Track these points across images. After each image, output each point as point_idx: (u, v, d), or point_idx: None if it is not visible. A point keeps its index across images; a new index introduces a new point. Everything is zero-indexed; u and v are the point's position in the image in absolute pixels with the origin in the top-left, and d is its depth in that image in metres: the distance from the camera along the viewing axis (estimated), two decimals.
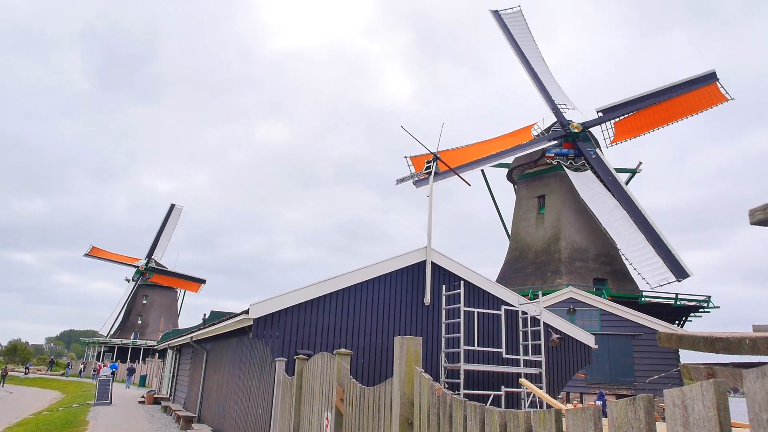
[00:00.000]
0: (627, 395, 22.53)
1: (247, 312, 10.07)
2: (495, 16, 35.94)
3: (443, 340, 11.84)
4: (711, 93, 32.45)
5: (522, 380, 11.63)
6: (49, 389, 41.44)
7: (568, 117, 33.36)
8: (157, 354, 44.66)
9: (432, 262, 12.21)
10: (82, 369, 58.28)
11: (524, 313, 12.91)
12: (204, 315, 25.41)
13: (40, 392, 38.90)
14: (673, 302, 30.16)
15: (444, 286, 12.18)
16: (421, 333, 11.75)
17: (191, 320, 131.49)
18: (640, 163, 34.91)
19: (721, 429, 1.48)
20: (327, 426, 6.31)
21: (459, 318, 11.52)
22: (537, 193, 34.63)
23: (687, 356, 25.31)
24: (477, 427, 2.97)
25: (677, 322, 31.11)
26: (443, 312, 11.98)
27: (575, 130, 32.35)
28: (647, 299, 30.14)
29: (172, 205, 68.36)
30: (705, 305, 30.89)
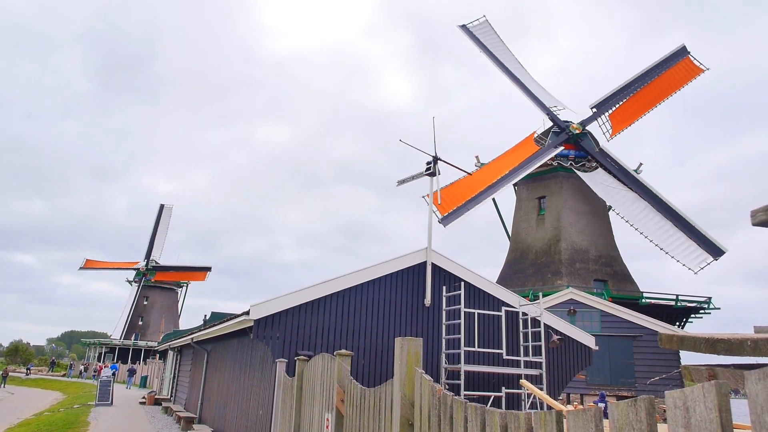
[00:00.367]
0: (627, 396, 22.51)
1: (248, 313, 10.07)
2: (464, 31, 35.69)
3: (444, 342, 11.83)
4: (687, 67, 33.76)
5: (523, 381, 11.62)
6: (51, 390, 41.43)
7: (563, 118, 33.39)
8: (158, 355, 44.70)
9: (432, 264, 12.20)
10: (82, 370, 58.28)
11: (525, 315, 12.90)
12: (205, 316, 25.44)
13: (42, 393, 38.89)
14: (674, 303, 30.15)
15: (444, 288, 12.17)
16: (422, 334, 11.74)
17: (192, 321, 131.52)
18: (641, 165, 34.91)
19: (723, 431, 1.48)
20: (328, 427, 6.30)
21: (459, 319, 11.52)
22: (537, 195, 34.63)
23: (687, 358, 25.32)
24: (478, 429, 2.96)
25: (678, 324, 31.09)
26: (444, 313, 11.97)
27: (576, 131, 32.32)
28: (648, 300, 30.14)
29: (162, 206, 68.35)
30: (705, 306, 30.88)
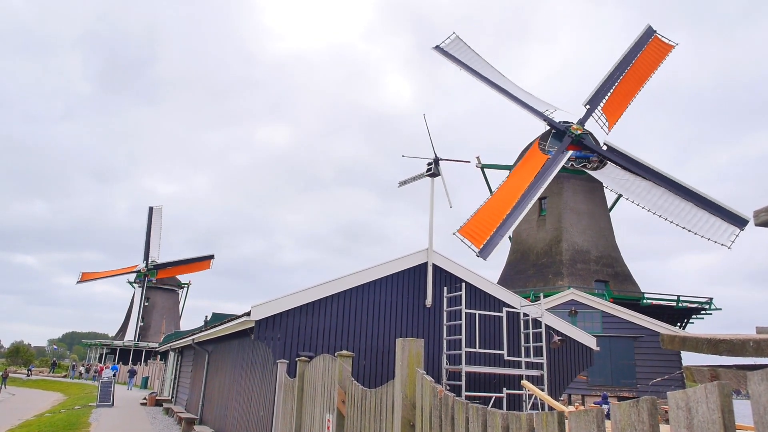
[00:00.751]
0: (629, 397, 22.48)
1: (249, 314, 10.07)
2: (440, 52, 35.59)
3: (445, 342, 11.82)
4: (657, 46, 34.46)
5: (524, 382, 11.60)
6: (51, 391, 41.45)
7: (558, 119, 33.41)
8: (159, 356, 44.70)
9: (433, 264, 12.19)
10: (82, 372, 58.28)
11: (526, 315, 12.89)
12: (206, 317, 25.45)
13: (42, 394, 38.91)
14: (675, 304, 30.11)
15: (445, 288, 12.16)
16: (423, 335, 11.73)
17: (193, 322, 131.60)
18: None
19: (726, 431, 1.48)
20: (329, 428, 6.30)
21: (460, 320, 11.51)
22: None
23: (688, 358, 25.28)
24: (479, 430, 2.96)
25: (679, 324, 31.05)
26: (445, 314, 11.96)
27: (578, 132, 32.32)
28: (649, 301, 30.10)
29: (151, 208, 67.82)
30: (707, 307, 30.85)
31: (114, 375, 37.48)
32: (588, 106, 33.22)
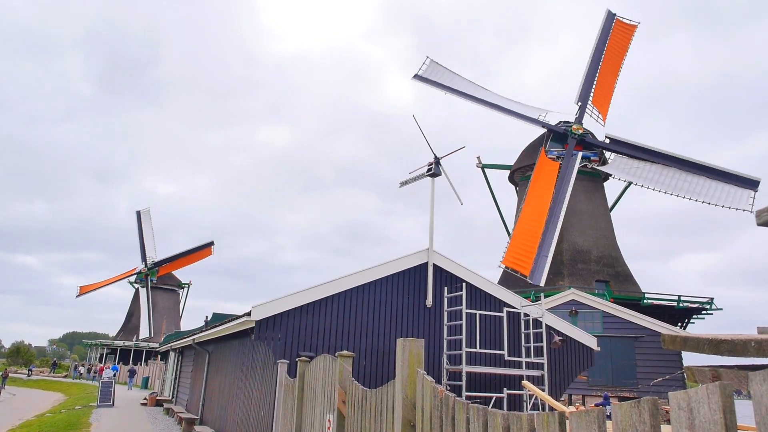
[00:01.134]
0: (629, 397, 22.47)
1: (249, 314, 10.07)
2: (420, 80, 35.69)
3: (445, 342, 11.82)
4: (622, 29, 35.22)
5: (524, 382, 11.60)
6: (52, 391, 41.49)
7: (553, 121, 33.51)
8: (159, 356, 44.71)
9: (434, 264, 12.19)
10: (81, 372, 58.30)
11: (526, 315, 12.88)
12: (206, 317, 25.42)
13: (43, 394, 38.95)
14: (676, 304, 30.09)
15: (446, 288, 12.16)
16: (423, 335, 11.73)
17: (193, 322, 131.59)
18: None
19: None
20: (329, 428, 6.29)
21: (461, 320, 11.51)
22: None
23: (689, 358, 25.26)
24: (480, 430, 2.95)
25: (680, 324, 31.03)
26: (445, 314, 11.95)
27: (579, 132, 32.38)
28: (649, 301, 30.09)
29: (138, 212, 67.28)
30: (708, 307, 30.83)
31: (114, 375, 37.47)
32: (579, 103, 33.59)
